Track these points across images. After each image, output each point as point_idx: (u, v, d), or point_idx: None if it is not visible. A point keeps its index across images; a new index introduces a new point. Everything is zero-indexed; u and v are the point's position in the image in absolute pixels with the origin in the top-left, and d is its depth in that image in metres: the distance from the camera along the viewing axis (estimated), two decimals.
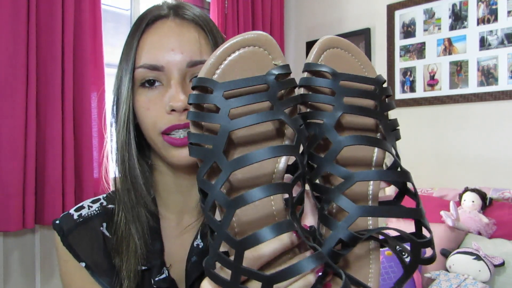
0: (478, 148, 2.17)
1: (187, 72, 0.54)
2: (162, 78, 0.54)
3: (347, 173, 0.33)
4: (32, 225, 1.66)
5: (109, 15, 2.19)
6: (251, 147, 0.35)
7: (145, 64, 0.54)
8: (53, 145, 1.71)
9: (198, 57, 0.55)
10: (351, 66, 0.38)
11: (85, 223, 0.60)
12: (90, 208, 0.62)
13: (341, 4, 2.72)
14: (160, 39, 0.54)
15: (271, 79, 0.33)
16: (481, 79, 2.15)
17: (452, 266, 1.72)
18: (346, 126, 0.38)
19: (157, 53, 0.54)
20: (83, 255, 0.57)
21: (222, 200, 0.30)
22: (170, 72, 0.53)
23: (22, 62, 1.62)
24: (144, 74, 0.54)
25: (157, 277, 0.57)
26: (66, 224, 0.60)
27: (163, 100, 0.53)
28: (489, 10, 2.13)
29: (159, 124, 0.53)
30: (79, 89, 1.82)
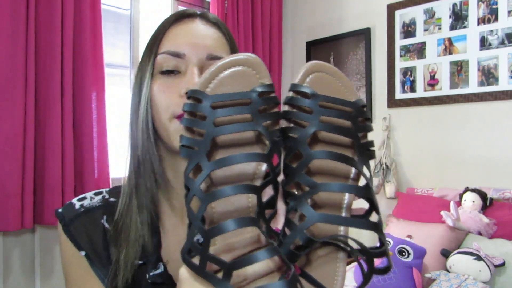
0: (478, 148, 2.17)
1: (205, 64, 0.57)
2: (181, 66, 0.57)
3: (312, 182, 0.38)
4: (31, 225, 1.66)
5: (109, 15, 2.19)
6: (231, 151, 0.40)
7: (168, 51, 0.57)
8: (53, 145, 1.71)
9: (217, 52, 0.59)
10: (333, 89, 0.43)
11: (86, 214, 0.62)
12: (92, 199, 0.64)
13: (341, 4, 2.72)
14: (186, 31, 0.59)
15: (254, 95, 0.38)
16: (482, 79, 2.15)
17: (453, 266, 1.72)
18: (322, 141, 0.42)
19: (181, 42, 0.57)
20: (83, 245, 0.60)
21: (199, 194, 0.36)
22: (190, 59, 0.57)
23: (22, 62, 1.62)
24: (165, 60, 0.57)
25: (152, 272, 0.58)
26: (68, 213, 0.62)
27: (179, 85, 0.56)
28: (490, 10, 2.12)
29: (172, 107, 0.55)
30: (79, 89, 1.82)
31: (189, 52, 0.57)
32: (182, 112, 0.53)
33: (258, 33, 2.67)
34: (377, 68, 2.55)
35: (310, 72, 0.42)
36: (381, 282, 1.74)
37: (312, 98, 0.40)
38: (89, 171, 1.83)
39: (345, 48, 2.68)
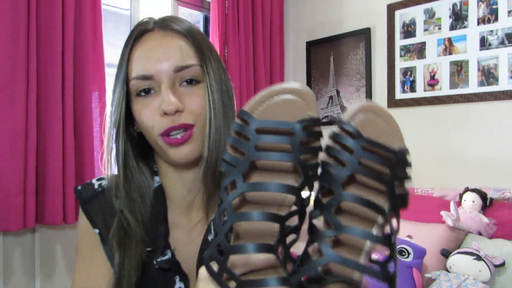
0: (478, 148, 2.17)
1: (175, 77, 0.59)
2: (154, 85, 0.59)
3: (337, 223, 0.39)
4: (33, 224, 1.66)
5: (109, 15, 2.19)
6: (266, 177, 0.42)
7: (137, 76, 0.59)
8: (54, 144, 1.71)
9: (183, 62, 0.60)
10: (380, 132, 0.44)
11: (104, 193, 0.66)
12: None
13: (341, 4, 2.72)
14: (147, 51, 0.60)
15: (298, 127, 0.39)
16: (482, 79, 2.15)
17: (453, 266, 1.72)
18: (357, 183, 0.43)
19: (145, 64, 0.59)
20: (98, 223, 0.64)
21: (228, 211, 0.38)
22: (159, 79, 0.59)
23: (23, 62, 1.62)
24: (137, 84, 0.60)
25: (159, 258, 0.61)
26: (86, 192, 0.67)
27: (156, 105, 0.59)
28: (490, 10, 2.13)
29: (156, 127, 0.59)
30: (79, 89, 1.82)
31: (156, 72, 0.59)
32: (165, 130, 0.58)
33: (259, 33, 2.66)
34: (377, 68, 2.55)
35: (360, 111, 0.43)
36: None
37: (355, 139, 0.40)
38: (89, 170, 1.84)
39: (345, 48, 2.69)
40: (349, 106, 2.64)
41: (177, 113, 0.58)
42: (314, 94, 0.42)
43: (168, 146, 0.59)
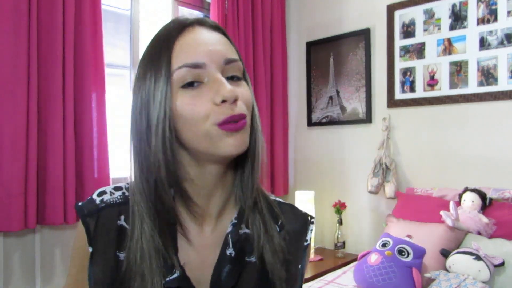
0: (477, 148, 2.17)
1: (223, 69, 0.57)
2: (203, 76, 0.56)
3: None
4: (34, 225, 1.66)
5: (109, 15, 2.19)
6: None
7: (187, 64, 0.55)
8: (54, 145, 1.71)
9: (231, 56, 0.58)
10: None
11: (105, 209, 0.61)
12: (112, 194, 0.62)
13: (341, 4, 2.72)
14: (196, 40, 0.57)
15: None
16: (481, 79, 2.16)
17: (452, 266, 1.72)
18: None
19: (197, 52, 0.56)
20: (94, 241, 0.59)
21: None
22: (210, 68, 0.56)
23: (23, 62, 1.63)
24: (185, 74, 0.55)
25: (168, 277, 0.56)
26: (88, 207, 0.61)
27: (209, 94, 0.55)
28: (489, 10, 2.13)
29: (213, 116, 0.55)
30: (79, 89, 1.82)
31: (208, 61, 0.56)
32: (226, 118, 0.54)
33: (259, 33, 2.67)
34: (377, 68, 2.55)
35: None
36: (380, 282, 1.74)
37: None
38: (89, 171, 1.84)
39: (345, 48, 2.69)
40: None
41: (234, 102, 0.55)
42: None
43: (224, 134, 0.54)
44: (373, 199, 2.56)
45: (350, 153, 2.68)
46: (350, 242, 2.65)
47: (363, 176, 2.54)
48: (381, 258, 1.80)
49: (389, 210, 2.38)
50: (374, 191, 2.41)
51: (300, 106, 2.96)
